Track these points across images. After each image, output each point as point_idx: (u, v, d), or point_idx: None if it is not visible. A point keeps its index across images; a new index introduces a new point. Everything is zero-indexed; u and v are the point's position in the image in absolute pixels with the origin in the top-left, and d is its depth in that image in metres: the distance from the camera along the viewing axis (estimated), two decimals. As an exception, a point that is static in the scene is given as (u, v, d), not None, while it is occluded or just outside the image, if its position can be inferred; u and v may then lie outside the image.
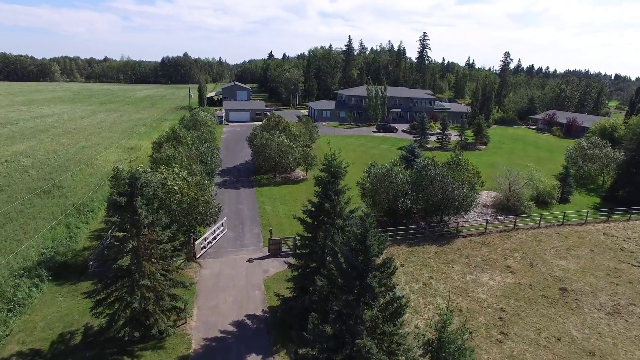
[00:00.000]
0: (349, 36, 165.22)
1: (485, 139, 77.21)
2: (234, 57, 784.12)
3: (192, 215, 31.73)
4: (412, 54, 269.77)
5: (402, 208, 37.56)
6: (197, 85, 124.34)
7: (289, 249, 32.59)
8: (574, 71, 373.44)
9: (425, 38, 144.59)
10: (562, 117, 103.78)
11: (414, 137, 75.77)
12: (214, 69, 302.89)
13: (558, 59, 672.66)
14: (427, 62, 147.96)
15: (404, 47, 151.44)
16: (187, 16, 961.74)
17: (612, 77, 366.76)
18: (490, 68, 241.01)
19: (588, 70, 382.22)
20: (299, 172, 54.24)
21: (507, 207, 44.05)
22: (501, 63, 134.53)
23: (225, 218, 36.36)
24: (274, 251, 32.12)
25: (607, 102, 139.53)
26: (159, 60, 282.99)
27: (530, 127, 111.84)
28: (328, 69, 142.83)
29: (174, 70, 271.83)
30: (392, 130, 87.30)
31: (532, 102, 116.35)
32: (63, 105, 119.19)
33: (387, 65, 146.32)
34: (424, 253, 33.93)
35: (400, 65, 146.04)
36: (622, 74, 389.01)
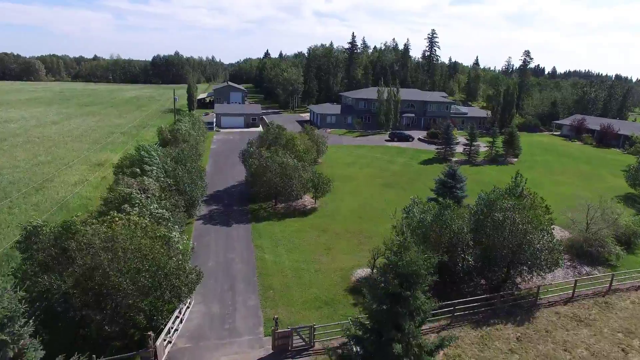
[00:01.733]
0: (353, 33, 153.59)
1: (517, 150, 66.51)
2: (230, 57, 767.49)
3: (159, 290, 20.63)
4: (413, 53, 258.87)
5: (462, 268, 26.55)
6: (186, 86, 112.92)
7: (303, 343, 21.55)
8: (575, 72, 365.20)
9: (434, 36, 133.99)
10: (592, 122, 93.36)
11: (437, 148, 64.90)
12: (207, 69, 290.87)
13: (554, 59, 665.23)
14: (435, 61, 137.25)
15: (409, 46, 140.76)
16: (182, 15, 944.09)
17: (613, 78, 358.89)
18: (489, 68, 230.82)
19: (589, 71, 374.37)
20: (307, 199, 43.13)
21: (585, 252, 33.19)
22: (506, 63, 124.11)
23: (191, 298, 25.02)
24: (281, 347, 21.05)
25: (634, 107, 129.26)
26: (150, 59, 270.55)
27: (554, 133, 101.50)
28: (330, 68, 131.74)
29: (166, 70, 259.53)
30: (408, 139, 76.40)
31: (554, 106, 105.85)
32: (37, 107, 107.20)
33: (393, 64, 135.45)
34: (500, 340, 22.98)
35: (407, 65, 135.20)
36: (620, 75, 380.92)
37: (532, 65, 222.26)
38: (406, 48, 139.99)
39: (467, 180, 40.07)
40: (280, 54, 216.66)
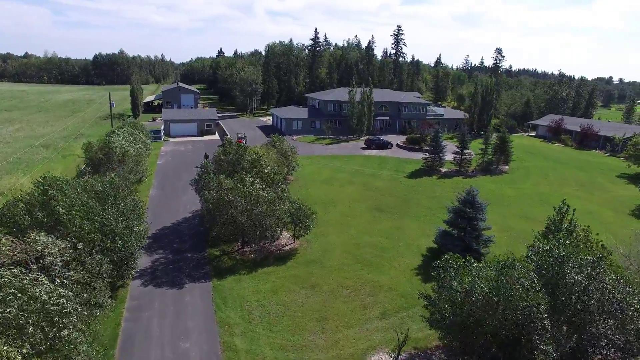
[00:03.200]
0: (315, 28, 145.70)
1: (509, 157, 59.88)
2: (181, 56, 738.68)
3: None
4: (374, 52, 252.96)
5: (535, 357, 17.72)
6: (129, 88, 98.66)
7: None
8: (524, 70, 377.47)
9: (400, 32, 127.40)
10: (570, 123, 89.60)
11: (424, 157, 56.87)
12: (156, 68, 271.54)
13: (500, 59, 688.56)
14: (402, 59, 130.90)
15: (374, 43, 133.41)
16: (129, 12, 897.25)
17: (558, 77, 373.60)
18: (446, 66, 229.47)
19: (535, 69, 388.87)
20: (284, 237, 33.23)
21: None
22: (464, 61, 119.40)
23: None
24: None
25: (598, 103, 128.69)
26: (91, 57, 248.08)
27: (530, 134, 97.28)
28: (290, 67, 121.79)
29: (109, 70, 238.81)
30: (386, 145, 68.06)
31: (528, 106, 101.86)
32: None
33: (358, 62, 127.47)
34: None
35: (372, 63, 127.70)
36: (564, 73, 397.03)
37: (486, 63, 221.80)
38: (370, 46, 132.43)
39: (487, 209, 31.73)
40: (235, 53, 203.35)
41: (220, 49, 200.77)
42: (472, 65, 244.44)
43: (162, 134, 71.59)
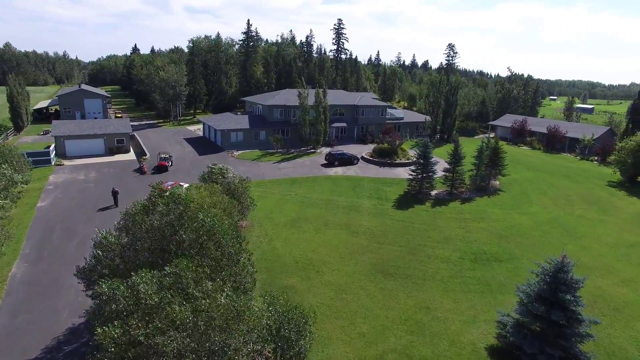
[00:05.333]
0: (248, 20, 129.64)
1: (501, 171, 50.20)
2: (91, 54, 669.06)
3: None
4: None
5: None
6: (8, 90, 75.35)
7: None
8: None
9: (341, 27, 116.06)
10: (533, 124, 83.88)
11: (410, 176, 45.01)
12: (57, 67, 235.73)
13: (420, 56, 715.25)
14: (344, 56, 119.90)
15: (313, 39, 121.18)
16: (21, 2, 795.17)
17: (477, 74, 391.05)
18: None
19: (458, 66, 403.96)
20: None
21: None
22: (396, 59, 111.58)
23: None
24: None
25: (542, 100, 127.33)
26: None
27: (490, 136, 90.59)
28: (220, 65, 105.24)
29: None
30: (352, 161, 55.41)
31: (484, 106, 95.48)
32: None
33: (296, 60, 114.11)
34: None
35: (312, 60, 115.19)
36: (483, 70, 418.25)
37: (421, 61, 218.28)
38: (309, 41, 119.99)
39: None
40: (153, 49, 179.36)
41: (135, 45, 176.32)
42: (404, 62, 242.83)
43: (53, 155, 52.64)
